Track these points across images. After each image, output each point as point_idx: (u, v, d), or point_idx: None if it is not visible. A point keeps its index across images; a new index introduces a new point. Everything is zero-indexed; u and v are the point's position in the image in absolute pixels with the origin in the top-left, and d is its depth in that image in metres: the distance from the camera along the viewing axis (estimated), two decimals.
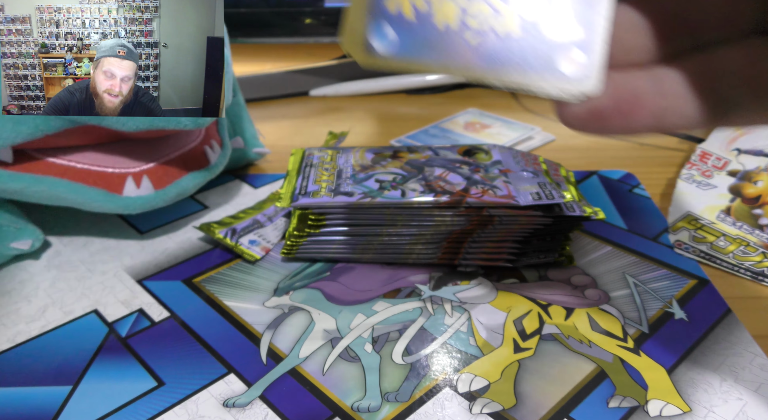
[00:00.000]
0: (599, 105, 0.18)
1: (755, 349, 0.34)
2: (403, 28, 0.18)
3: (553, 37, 0.18)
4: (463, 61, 0.18)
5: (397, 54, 0.18)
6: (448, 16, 0.18)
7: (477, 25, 0.18)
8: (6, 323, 0.38)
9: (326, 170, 0.45)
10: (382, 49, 0.18)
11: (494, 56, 0.18)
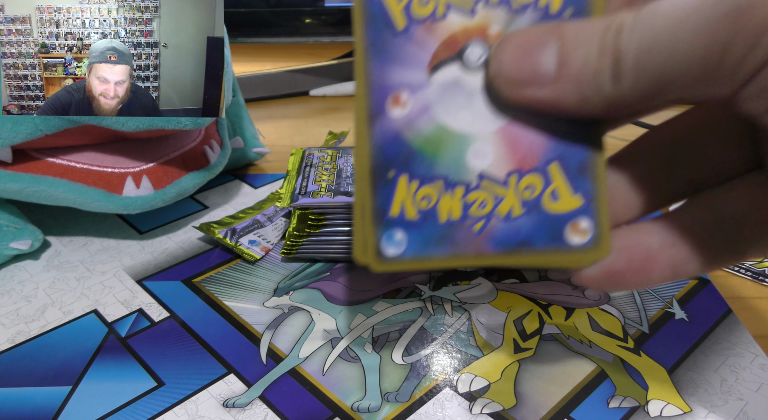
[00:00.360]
0: (613, 266, 0.18)
1: (756, 349, 0.34)
2: (410, 229, 0.19)
3: (555, 209, 0.18)
4: (473, 249, 0.18)
5: (409, 254, 0.18)
6: (450, 210, 0.18)
7: (479, 213, 0.18)
8: (5, 323, 0.38)
9: (326, 170, 0.45)
10: (393, 252, 0.18)
11: (501, 239, 0.18)
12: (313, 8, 0.67)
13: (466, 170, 0.18)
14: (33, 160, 0.40)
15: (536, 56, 0.16)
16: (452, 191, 0.18)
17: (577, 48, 0.16)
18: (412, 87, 0.18)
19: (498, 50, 0.17)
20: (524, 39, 0.17)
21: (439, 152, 0.18)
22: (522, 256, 0.18)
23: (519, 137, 0.18)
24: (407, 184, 0.19)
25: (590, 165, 0.18)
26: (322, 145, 0.58)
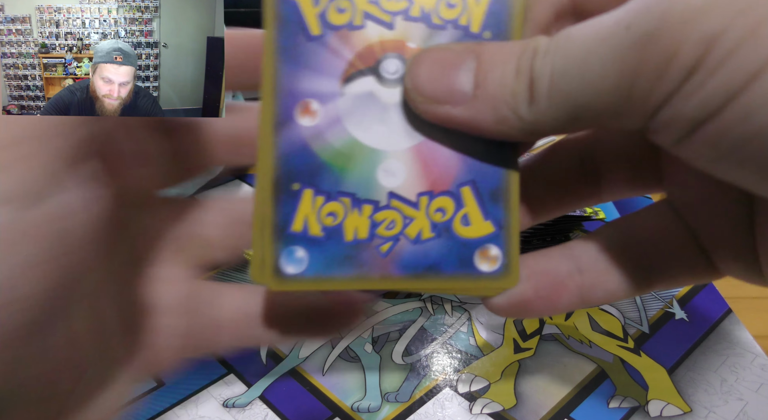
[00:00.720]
0: (521, 295, 0.18)
1: (756, 349, 0.34)
2: (312, 246, 0.18)
3: (465, 235, 0.18)
4: (379, 271, 0.18)
5: (310, 274, 0.17)
6: (356, 228, 0.18)
7: (387, 234, 0.18)
8: None
9: None
10: (293, 270, 0.17)
11: (409, 262, 0.18)
12: None
13: (375, 188, 0.18)
14: None
15: (453, 74, 0.16)
16: (360, 209, 0.18)
17: (493, 68, 0.15)
18: (323, 96, 0.17)
19: (414, 65, 0.17)
20: (441, 55, 0.16)
21: (349, 167, 0.18)
22: (430, 281, 0.18)
23: (433, 157, 0.18)
24: (312, 198, 0.18)
25: (503, 191, 0.18)
26: None
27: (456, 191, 0.18)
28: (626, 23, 0.13)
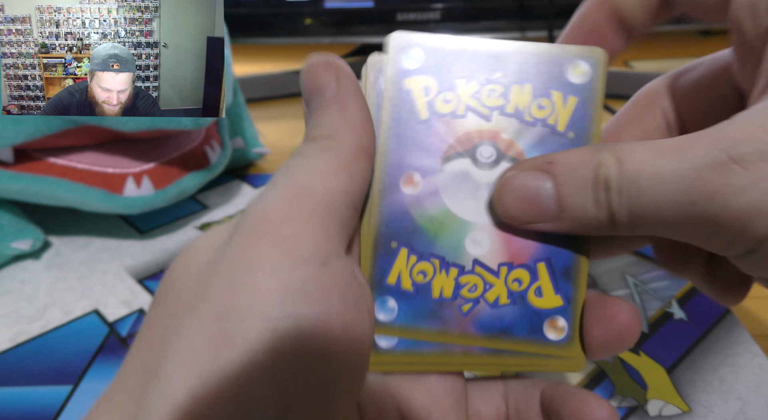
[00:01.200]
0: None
1: (755, 348, 0.34)
2: (402, 298, 0.20)
3: (538, 305, 0.20)
4: (458, 328, 0.20)
5: (399, 323, 0.20)
6: (443, 287, 0.20)
7: (469, 296, 0.20)
8: (7, 323, 0.38)
9: None
10: (384, 318, 0.20)
11: (485, 323, 0.20)
12: (314, 9, 0.67)
13: (463, 254, 0.20)
14: (34, 161, 0.40)
15: (537, 202, 0.18)
16: (447, 271, 0.20)
17: (573, 195, 0.18)
18: (425, 170, 0.20)
19: (500, 195, 0.19)
20: (521, 184, 0.19)
21: (441, 233, 0.20)
22: (502, 342, 0.20)
23: (514, 234, 0.20)
24: (407, 256, 0.20)
25: (574, 271, 0.20)
26: None
27: (533, 265, 0.20)
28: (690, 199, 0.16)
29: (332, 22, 0.68)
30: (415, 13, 0.66)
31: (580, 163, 0.17)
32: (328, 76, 0.19)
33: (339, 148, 0.18)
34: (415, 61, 0.20)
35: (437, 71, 0.20)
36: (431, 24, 0.67)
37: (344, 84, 0.19)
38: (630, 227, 0.17)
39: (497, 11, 0.66)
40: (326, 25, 0.68)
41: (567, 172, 0.18)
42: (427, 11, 0.66)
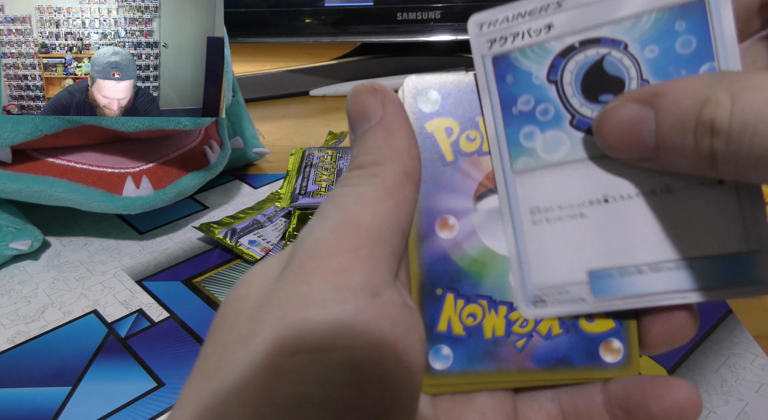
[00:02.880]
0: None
1: (756, 349, 0.34)
2: (456, 344, 0.20)
3: (590, 330, 0.20)
4: (516, 365, 0.20)
5: (455, 369, 0.20)
6: (494, 327, 0.20)
7: (521, 331, 0.20)
8: (5, 323, 0.38)
9: (326, 170, 0.45)
10: (440, 366, 0.20)
11: (542, 356, 0.20)
12: (313, 8, 0.67)
13: (509, 290, 0.20)
14: (33, 161, 0.40)
15: (637, 137, 0.17)
16: (496, 310, 0.20)
17: (672, 134, 0.16)
18: (459, 213, 0.20)
19: (600, 125, 0.18)
20: (622, 115, 0.17)
21: (485, 273, 0.20)
22: (562, 373, 0.20)
23: None
24: (454, 301, 0.20)
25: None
26: (322, 145, 0.58)
27: None
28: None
29: (332, 22, 0.68)
30: (415, 13, 0.66)
31: (686, 97, 0.16)
32: (374, 102, 0.19)
33: (385, 175, 0.18)
34: (432, 104, 0.20)
35: (456, 111, 0.20)
36: (431, 23, 0.67)
37: (390, 110, 0.19)
38: (735, 175, 0.15)
39: None
40: (326, 25, 0.68)
41: (671, 106, 0.16)
42: (427, 11, 0.66)
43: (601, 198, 0.19)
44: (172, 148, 0.44)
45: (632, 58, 0.18)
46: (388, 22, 0.67)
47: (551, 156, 0.19)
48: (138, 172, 0.41)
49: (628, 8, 0.18)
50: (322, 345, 0.15)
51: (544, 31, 0.19)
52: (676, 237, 0.18)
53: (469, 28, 0.19)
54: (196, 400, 0.16)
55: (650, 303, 0.19)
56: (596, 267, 0.19)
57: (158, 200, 0.42)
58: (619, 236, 0.19)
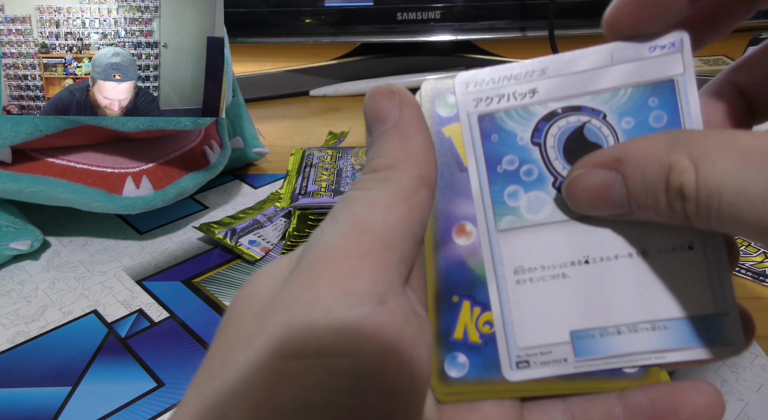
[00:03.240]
0: None
1: (756, 349, 0.34)
2: (472, 352, 0.20)
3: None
4: None
5: (471, 377, 0.20)
6: None
7: None
8: (5, 323, 0.38)
9: (326, 170, 0.45)
10: (456, 374, 0.20)
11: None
12: (313, 8, 0.67)
13: None
14: (33, 161, 0.40)
15: (607, 200, 0.18)
16: None
17: (643, 196, 0.17)
18: (476, 219, 0.20)
19: (570, 192, 0.19)
20: (589, 182, 0.18)
21: None
22: (581, 382, 0.20)
23: None
24: (470, 309, 0.20)
25: None
26: (322, 145, 0.58)
27: None
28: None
29: (332, 22, 0.68)
30: (415, 13, 0.66)
31: (650, 163, 0.16)
32: (391, 104, 0.19)
33: (399, 180, 0.18)
34: (450, 108, 0.20)
35: None
36: (431, 23, 0.67)
37: (407, 113, 0.19)
38: (711, 229, 0.16)
39: (497, 11, 0.66)
40: (326, 25, 0.68)
41: (635, 171, 0.17)
42: (427, 11, 0.66)
43: (582, 259, 0.19)
44: (172, 148, 0.44)
45: (610, 128, 0.19)
46: (388, 22, 0.67)
47: (534, 216, 0.19)
48: (138, 172, 0.41)
49: (606, 82, 0.19)
50: (325, 351, 0.15)
51: (528, 95, 0.19)
52: (652, 299, 0.19)
53: (456, 86, 0.20)
54: (200, 399, 0.16)
55: (629, 363, 0.19)
56: (578, 327, 0.19)
57: (158, 200, 0.42)
58: (599, 297, 0.19)
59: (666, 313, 0.19)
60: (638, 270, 0.19)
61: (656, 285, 0.19)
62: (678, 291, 0.19)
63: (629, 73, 0.19)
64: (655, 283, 0.19)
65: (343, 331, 0.15)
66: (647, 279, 0.19)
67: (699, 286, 0.19)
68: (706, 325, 0.19)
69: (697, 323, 0.19)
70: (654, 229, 0.19)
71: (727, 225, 0.15)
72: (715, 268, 0.19)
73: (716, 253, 0.19)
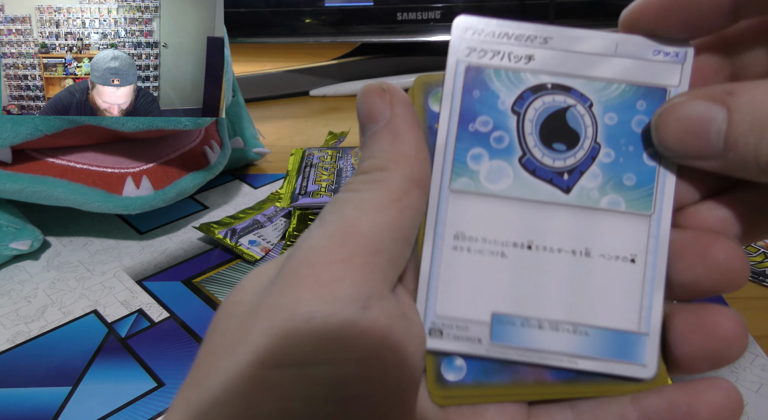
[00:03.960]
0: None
1: (756, 349, 0.34)
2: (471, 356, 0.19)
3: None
4: (533, 376, 0.19)
5: (469, 380, 0.19)
6: None
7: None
8: (5, 323, 0.38)
9: (326, 170, 0.45)
10: (453, 377, 0.19)
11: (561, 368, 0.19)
12: (313, 8, 0.67)
13: None
14: (33, 161, 0.40)
15: (702, 136, 0.16)
16: None
17: (747, 136, 0.15)
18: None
19: (661, 121, 0.17)
20: (689, 112, 0.17)
21: None
22: (581, 385, 0.19)
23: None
24: None
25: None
26: (322, 145, 0.58)
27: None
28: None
29: (332, 22, 0.68)
30: (415, 13, 0.66)
31: (766, 98, 0.15)
32: (382, 103, 0.18)
33: (389, 181, 0.17)
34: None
35: None
36: (431, 23, 0.67)
37: (398, 111, 0.18)
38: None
39: (497, 11, 0.66)
40: (326, 25, 0.68)
41: (747, 107, 0.15)
42: (427, 11, 0.66)
43: (526, 242, 0.19)
44: (172, 148, 0.44)
45: (593, 119, 0.19)
46: (388, 22, 0.67)
47: (492, 186, 0.19)
48: (138, 172, 0.41)
49: (603, 71, 0.19)
50: (306, 360, 0.15)
51: (524, 60, 0.19)
52: (581, 301, 0.19)
53: (454, 28, 0.19)
54: (185, 406, 0.16)
55: (540, 360, 0.19)
56: (501, 311, 0.19)
57: (158, 200, 0.42)
58: (531, 285, 0.19)
59: (591, 319, 0.19)
60: (577, 269, 0.19)
61: (589, 289, 0.19)
62: (608, 301, 0.19)
63: (628, 68, 0.19)
64: (589, 287, 0.19)
65: (324, 339, 0.15)
66: (582, 281, 0.19)
67: (629, 300, 0.19)
68: (625, 341, 0.19)
69: (616, 337, 0.19)
70: (605, 233, 0.19)
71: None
72: (650, 287, 0.18)
73: (656, 272, 0.18)
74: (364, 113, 0.18)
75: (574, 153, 0.19)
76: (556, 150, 0.19)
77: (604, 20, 0.63)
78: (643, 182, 0.19)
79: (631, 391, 0.19)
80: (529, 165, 0.19)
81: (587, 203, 0.19)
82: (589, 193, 0.19)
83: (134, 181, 0.41)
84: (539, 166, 0.19)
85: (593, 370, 0.19)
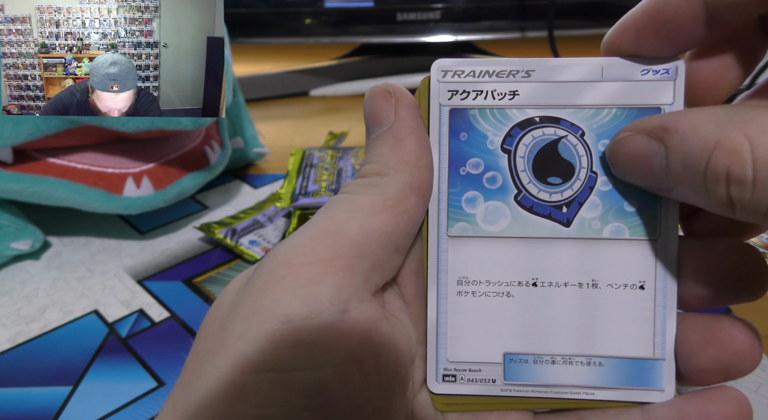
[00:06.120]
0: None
1: None
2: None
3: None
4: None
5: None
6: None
7: None
8: (6, 323, 0.38)
9: (326, 170, 0.45)
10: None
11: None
12: (313, 8, 0.67)
13: None
14: (34, 161, 0.40)
15: (647, 169, 0.16)
16: None
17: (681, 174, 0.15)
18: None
19: (612, 154, 0.18)
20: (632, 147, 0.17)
21: None
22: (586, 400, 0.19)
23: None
24: None
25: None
26: (322, 145, 0.59)
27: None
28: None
29: (332, 22, 0.68)
30: (415, 13, 0.66)
31: (695, 137, 0.14)
32: (386, 106, 0.18)
33: (386, 186, 0.17)
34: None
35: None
36: (431, 24, 0.67)
37: (402, 115, 0.18)
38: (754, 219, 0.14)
39: (497, 11, 0.66)
40: (326, 25, 0.68)
41: (680, 145, 0.15)
42: (427, 11, 0.66)
43: (530, 280, 0.19)
44: (173, 148, 0.44)
45: (586, 147, 0.18)
46: (388, 23, 0.67)
47: (490, 227, 0.19)
48: (138, 173, 0.41)
49: (591, 98, 0.18)
50: (283, 365, 0.15)
51: (508, 96, 0.18)
52: (593, 333, 0.18)
53: (432, 73, 0.19)
54: (173, 412, 0.16)
55: (556, 394, 0.19)
56: (513, 350, 0.19)
57: (159, 200, 0.42)
58: (540, 322, 0.19)
59: (604, 350, 0.18)
60: (585, 302, 0.18)
61: (600, 320, 0.18)
62: (620, 329, 0.18)
63: (616, 92, 0.18)
64: (600, 318, 0.18)
65: (301, 343, 0.15)
66: (592, 312, 0.18)
67: (642, 328, 0.18)
68: (641, 368, 0.18)
69: (632, 365, 0.18)
70: (611, 262, 0.18)
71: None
72: (662, 312, 0.18)
73: (667, 297, 0.18)
74: (368, 116, 0.18)
75: (571, 184, 0.19)
76: (552, 183, 0.19)
77: (604, 21, 0.63)
78: (645, 207, 0.18)
79: (641, 401, 0.19)
80: (526, 202, 0.19)
81: (589, 234, 0.18)
82: (590, 224, 0.18)
83: (135, 181, 0.41)
84: (536, 202, 0.19)
85: (611, 399, 0.18)
